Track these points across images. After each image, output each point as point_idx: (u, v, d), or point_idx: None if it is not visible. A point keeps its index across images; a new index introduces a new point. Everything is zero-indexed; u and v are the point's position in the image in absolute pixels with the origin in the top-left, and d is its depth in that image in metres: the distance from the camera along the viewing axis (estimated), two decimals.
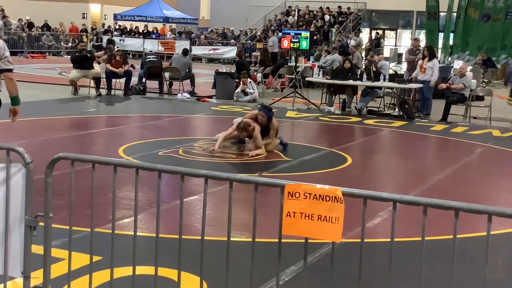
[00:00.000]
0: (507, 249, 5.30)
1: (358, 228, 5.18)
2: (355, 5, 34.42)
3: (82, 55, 16.22)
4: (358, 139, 12.12)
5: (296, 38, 16.27)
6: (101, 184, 4.05)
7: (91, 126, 11.84)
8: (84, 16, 38.42)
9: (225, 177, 3.18)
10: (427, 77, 14.21)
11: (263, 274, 4.20)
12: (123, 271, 3.90)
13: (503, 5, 25.23)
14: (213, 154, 8.84)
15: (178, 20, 35.53)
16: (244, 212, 5.66)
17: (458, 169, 8.87)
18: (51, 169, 3.39)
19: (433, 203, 2.83)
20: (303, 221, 2.95)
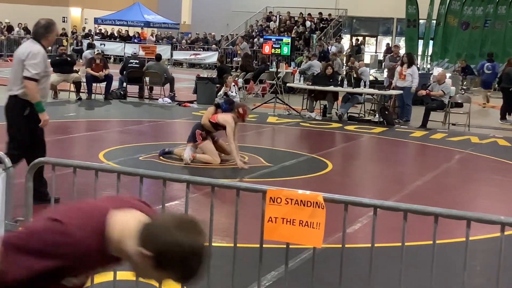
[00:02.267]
0: (485, 254, 5.36)
1: (338, 233, 5.21)
2: (336, 11, 34.63)
3: (62, 59, 16.13)
4: (339, 145, 12.18)
5: (278, 44, 16.33)
6: (81, 189, 4.03)
7: (71, 130, 11.77)
8: (65, 20, 38.18)
9: (207, 182, 3.19)
10: (407, 83, 14.33)
11: (244, 279, 4.21)
12: (104, 276, 3.88)
13: (481, 13, 25.54)
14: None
15: (159, 25, 35.48)
16: (225, 217, 5.67)
17: (437, 175, 8.95)
18: (31, 174, 3.38)
19: (413, 209, 2.86)
20: (284, 227, 2.97)
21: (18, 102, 5.73)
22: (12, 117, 5.81)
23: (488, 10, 25.41)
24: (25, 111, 5.74)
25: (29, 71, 5.63)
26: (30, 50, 5.72)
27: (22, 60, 5.68)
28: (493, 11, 25.32)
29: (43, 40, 5.80)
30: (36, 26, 5.88)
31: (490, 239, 5.38)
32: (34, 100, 5.79)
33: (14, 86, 5.74)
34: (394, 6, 31.52)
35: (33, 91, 5.70)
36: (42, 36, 5.79)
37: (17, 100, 5.72)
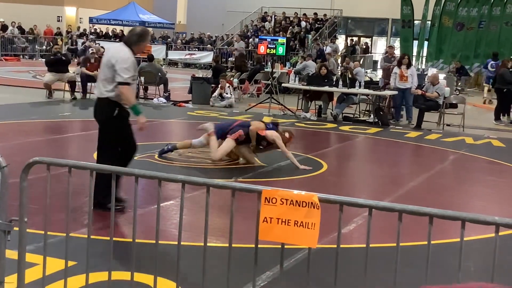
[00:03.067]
0: (479, 255, 5.37)
1: (333, 233, 5.21)
2: (331, 12, 34.65)
3: (57, 58, 16.09)
4: (334, 145, 12.19)
5: (273, 44, 16.34)
6: (75, 189, 4.03)
7: (65, 130, 11.74)
8: (59, 19, 38.08)
9: (202, 182, 3.18)
10: (409, 84, 14.38)
11: (239, 279, 4.21)
12: (99, 276, 3.88)
13: (476, 14, 25.60)
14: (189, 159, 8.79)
15: (154, 25, 35.40)
16: (220, 218, 5.67)
17: (431, 176, 8.97)
18: (26, 173, 3.36)
19: (408, 209, 2.86)
20: (279, 227, 2.97)
21: (107, 104, 5.86)
22: (103, 119, 5.99)
23: (482, 11, 25.48)
24: (114, 112, 5.87)
25: (121, 76, 5.74)
26: (120, 54, 5.82)
27: (112, 64, 5.79)
28: (488, 12, 25.39)
29: (134, 47, 5.92)
30: (131, 32, 6.07)
31: (484, 239, 5.39)
32: (129, 104, 5.94)
33: (103, 88, 5.86)
34: (389, 6, 31.58)
35: (127, 95, 5.85)
36: (134, 43, 5.92)
37: (106, 102, 5.86)
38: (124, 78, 5.74)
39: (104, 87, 5.86)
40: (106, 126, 5.99)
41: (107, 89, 5.83)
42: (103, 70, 5.93)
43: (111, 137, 6.00)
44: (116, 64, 5.75)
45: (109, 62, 5.83)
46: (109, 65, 5.82)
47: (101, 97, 5.91)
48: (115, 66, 5.75)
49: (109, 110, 5.87)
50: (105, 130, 6.01)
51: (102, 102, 5.91)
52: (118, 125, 5.97)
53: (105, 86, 5.85)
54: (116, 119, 5.91)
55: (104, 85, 5.86)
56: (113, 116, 5.88)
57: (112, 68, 5.78)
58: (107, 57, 5.94)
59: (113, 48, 6.14)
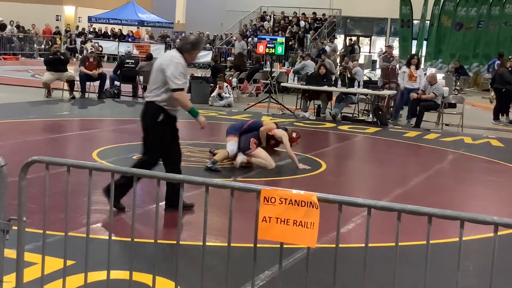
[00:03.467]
0: (478, 255, 5.38)
1: (331, 233, 5.21)
2: (330, 11, 34.65)
3: (55, 58, 16.08)
4: (333, 144, 12.19)
5: (272, 43, 16.34)
6: (74, 188, 4.02)
7: (64, 129, 11.74)
8: (58, 18, 38.07)
9: (201, 181, 3.18)
10: (417, 85, 14.43)
11: (238, 278, 4.21)
12: (97, 276, 3.87)
13: (475, 14, 25.62)
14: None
15: (153, 24, 35.42)
16: (219, 217, 5.66)
17: (430, 176, 8.97)
18: (25, 172, 3.36)
19: (407, 209, 2.86)
20: (278, 226, 2.96)
21: (153, 108, 5.93)
22: (148, 123, 6.05)
23: (481, 11, 25.50)
24: (159, 117, 5.91)
25: (175, 82, 5.79)
26: (173, 60, 5.87)
27: (163, 70, 5.85)
28: (487, 12, 25.41)
29: (186, 54, 5.98)
30: (185, 40, 6.21)
31: (483, 239, 5.40)
32: (186, 108, 6.02)
33: (151, 92, 5.97)
34: (388, 6, 31.61)
35: (183, 100, 5.95)
36: (187, 51, 5.99)
37: (152, 106, 5.93)
38: (178, 85, 5.81)
39: (152, 91, 5.95)
40: (150, 130, 6.05)
41: (155, 94, 5.91)
42: (154, 73, 5.99)
43: (154, 141, 6.05)
44: (167, 70, 5.81)
45: (160, 67, 5.89)
46: (160, 70, 5.88)
47: (148, 100, 6.00)
48: (167, 72, 5.80)
49: (155, 115, 5.94)
50: (149, 134, 6.09)
51: (149, 106, 5.99)
52: (163, 129, 6.00)
53: (154, 90, 5.93)
54: (160, 124, 5.95)
55: (153, 89, 5.94)
56: (158, 121, 5.94)
57: (163, 73, 5.83)
58: (159, 62, 6.01)
59: (166, 54, 6.22)
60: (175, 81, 5.78)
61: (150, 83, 6.04)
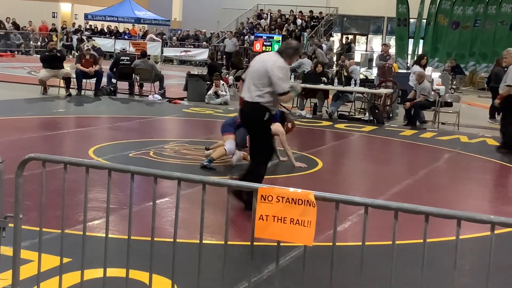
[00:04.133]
0: (475, 253, 5.39)
1: (328, 231, 5.22)
2: (327, 9, 34.66)
3: (52, 55, 16.04)
4: (329, 143, 12.20)
5: (268, 41, 16.37)
6: (70, 186, 4.02)
7: (60, 126, 11.71)
8: (54, 15, 37.99)
9: (198, 179, 3.18)
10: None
11: (234, 276, 4.21)
12: (94, 273, 3.87)
13: (472, 13, 25.64)
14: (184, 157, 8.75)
15: (150, 21, 35.37)
16: (215, 215, 5.66)
17: (426, 174, 8.98)
18: (21, 170, 3.35)
19: (404, 207, 2.86)
20: (275, 225, 2.97)
21: (258, 108, 6.13)
22: (254, 123, 6.28)
23: (478, 10, 25.52)
24: (265, 116, 6.16)
25: (281, 87, 6.02)
26: (278, 64, 6.06)
27: (268, 73, 6.02)
28: (483, 11, 25.43)
29: (288, 58, 6.21)
30: (287, 45, 6.34)
31: (480, 238, 5.41)
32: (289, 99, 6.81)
33: (255, 92, 6.11)
34: (385, 5, 31.63)
35: (287, 99, 6.57)
36: (289, 55, 6.21)
37: (257, 106, 6.13)
38: (284, 88, 6.05)
39: (255, 92, 6.10)
40: (257, 129, 6.27)
41: (259, 94, 6.09)
42: (255, 75, 6.14)
43: (263, 138, 6.30)
44: (274, 75, 5.99)
45: (265, 70, 6.05)
46: (264, 73, 6.05)
47: (252, 101, 6.14)
48: (273, 77, 5.99)
49: (261, 114, 6.14)
50: (256, 133, 6.30)
51: (253, 106, 6.16)
52: (267, 127, 6.32)
53: (257, 91, 6.10)
54: (266, 122, 6.22)
55: (255, 90, 6.10)
56: (264, 120, 6.17)
57: (267, 75, 6.02)
58: (263, 65, 6.13)
59: (269, 58, 6.28)
60: (282, 85, 6.01)
61: (250, 84, 6.18)
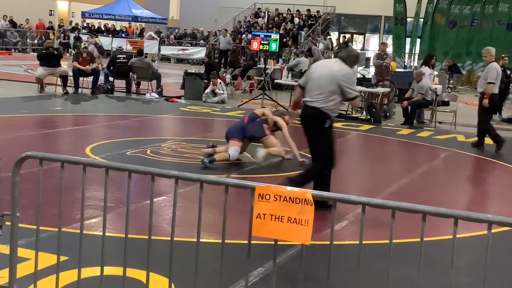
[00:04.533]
0: (472, 252, 5.39)
1: (324, 230, 5.23)
2: (324, 8, 34.66)
3: (49, 53, 16.02)
4: None
5: (266, 40, 16.33)
6: (67, 184, 4.01)
7: (57, 124, 11.70)
8: (52, 13, 37.92)
9: (196, 178, 3.17)
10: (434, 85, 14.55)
11: (232, 275, 4.21)
12: (91, 272, 3.87)
13: (469, 13, 25.68)
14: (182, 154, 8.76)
15: (147, 20, 35.34)
16: (211, 213, 5.66)
17: (423, 173, 8.99)
18: (18, 168, 3.35)
19: (401, 206, 2.87)
20: (273, 223, 2.97)
21: (320, 114, 6.30)
22: (317, 128, 6.41)
23: (475, 9, 25.55)
24: (326, 123, 6.33)
25: (352, 92, 6.32)
26: (347, 71, 6.35)
27: (335, 79, 6.23)
28: (480, 11, 25.47)
29: (350, 65, 6.48)
30: (350, 53, 6.59)
31: (477, 237, 5.42)
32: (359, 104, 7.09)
33: (319, 98, 6.28)
34: (382, 4, 31.62)
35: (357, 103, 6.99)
36: (351, 62, 6.47)
37: (318, 112, 6.30)
38: (354, 94, 6.38)
39: (319, 98, 6.28)
40: (320, 134, 6.43)
41: (322, 101, 6.27)
42: (321, 81, 6.29)
43: (326, 143, 6.46)
44: (343, 82, 6.23)
45: (333, 77, 6.24)
46: (332, 79, 6.24)
47: (316, 106, 6.30)
48: (342, 83, 6.22)
49: (324, 120, 6.32)
50: (319, 139, 6.46)
51: (315, 111, 6.32)
52: (330, 133, 6.50)
53: (321, 97, 6.27)
54: (329, 128, 6.41)
55: (319, 96, 6.28)
56: (326, 127, 6.36)
57: (335, 82, 6.22)
58: (330, 72, 6.31)
59: (335, 65, 6.44)
60: (352, 91, 6.30)
61: (312, 89, 6.32)
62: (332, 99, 6.24)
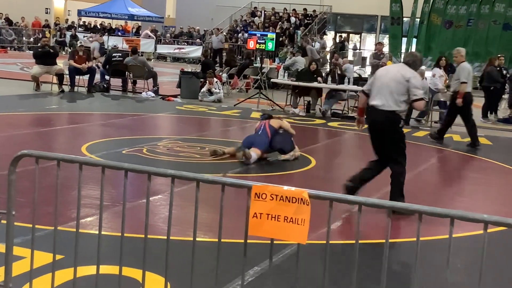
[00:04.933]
0: (467, 252, 5.40)
1: (321, 229, 5.22)
2: (321, 8, 34.66)
3: (44, 51, 16.00)
4: (322, 141, 12.21)
5: (262, 39, 16.32)
6: (63, 182, 4.00)
7: (53, 123, 11.68)
8: (48, 11, 37.83)
9: (192, 177, 3.17)
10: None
11: (227, 274, 4.21)
12: (86, 270, 3.86)
13: (465, 12, 25.71)
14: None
15: (143, 18, 35.28)
16: (207, 212, 5.65)
17: (419, 173, 9.00)
18: (14, 166, 3.34)
19: (397, 206, 2.87)
20: (269, 223, 2.96)
21: (394, 117, 6.58)
22: (390, 130, 6.66)
23: (471, 9, 25.59)
24: (400, 123, 6.68)
25: (417, 94, 6.56)
26: (415, 74, 6.66)
27: (406, 82, 6.52)
28: (476, 11, 25.50)
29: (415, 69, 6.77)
30: (415, 57, 6.89)
31: (472, 236, 5.42)
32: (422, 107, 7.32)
33: (392, 102, 6.55)
34: (379, 3, 31.64)
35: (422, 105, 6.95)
36: (416, 67, 6.80)
37: (392, 115, 6.57)
38: (420, 95, 6.61)
39: (393, 101, 6.54)
40: (393, 136, 6.69)
41: (396, 104, 6.55)
42: (393, 85, 6.55)
43: (399, 144, 6.76)
44: (412, 84, 6.51)
45: (404, 80, 6.52)
46: (403, 82, 6.52)
47: (389, 109, 6.55)
48: (411, 86, 6.50)
49: (397, 122, 6.62)
50: (393, 140, 6.71)
51: (389, 114, 6.57)
52: (403, 133, 6.83)
53: (395, 100, 6.54)
54: (400, 129, 6.72)
55: (392, 99, 6.54)
56: (400, 127, 6.68)
57: (405, 84, 6.51)
58: (401, 75, 6.57)
59: (403, 69, 6.69)
60: (419, 94, 6.58)
61: (384, 93, 6.56)
62: (402, 101, 6.54)
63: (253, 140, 8.90)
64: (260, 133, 8.99)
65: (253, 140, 8.90)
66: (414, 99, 6.55)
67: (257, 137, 8.92)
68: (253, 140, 8.90)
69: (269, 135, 8.89)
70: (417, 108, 6.90)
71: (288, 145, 9.01)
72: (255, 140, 8.86)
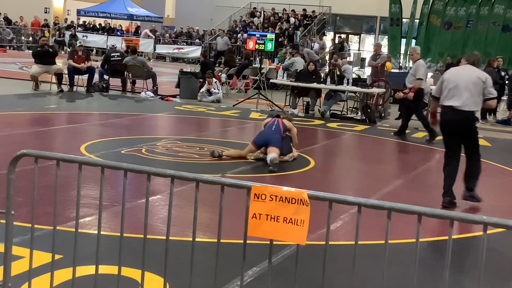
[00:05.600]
0: (467, 253, 5.40)
1: (320, 230, 5.22)
2: (320, 8, 34.67)
3: (44, 50, 15.98)
4: (321, 142, 12.20)
5: (261, 39, 16.32)
6: (62, 182, 4.00)
7: (52, 122, 11.66)
8: (47, 10, 37.80)
9: (192, 177, 3.17)
10: None
11: (227, 274, 4.20)
12: (85, 270, 3.86)
13: (464, 14, 25.72)
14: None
15: (142, 18, 35.26)
16: (206, 213, 5.65)
17: (418, 174, 9.01)
18: (14, 166, 3.33)
19: (397, 207, 2.87)
20: (268, 223, 2.96)
21: (472, 116, 7.11)
22: (470, 129, 7.18)
23: (470, 11, 25.59)
24: (477, 121, 7.34)
25: (492, 93, 7.08)
26: (485, 75, 7.10)
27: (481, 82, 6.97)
28: (476, 12, 25.51)
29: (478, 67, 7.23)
30: (475, 57, 7.30)
31: (472, 238, 5.42)
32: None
33: (473, 104, 7.01)
34: (378, 4, 31.66)
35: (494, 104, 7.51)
36: (479, 64, 7.27)
37: (471, 114, 7.06)
38: (495, 94, 7.18)
39: (473, 103, 7.00)
40: (473, 134, 7.22)
41: (475, 104, 7.02)
42: (471, 87, 6.98)
43: (478, 141, 7.30)
44: (485, 84, 6.98)
45: (480, 81, 6.99)
46: (479, 83, 6.98)
47: (469, 110, 7.02)
48: (485, 86, 6.98)
49: (475, 121, 7.20)
50: (473, 138, 7.24)
51: (469, 114, 7.05)
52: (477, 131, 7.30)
53: (474, 101, 6.99)
54: (476, 127, 7.26)
55: (473, 101, 6.99)
56: (477, 126, 7.24)
57: (480, 85, 6.97)
58: (476, 77, 7.01)
59: (474, 70, 7.14)
60: (493, 91, 7.08)
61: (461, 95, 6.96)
62: (479, 101, 7.01)
63: (269, 137, 8.76)
64: (274, 129, 8.91)
65: (269, 137, 8.76)
66: (489, 98, 7.00)
67: (272, 134, 8.79)
68: (269, 137, 8.76)
69: (282, 132, 8.88)
70: (491, 106, 7.35)
71: (286, 149, 8.96)
72: (271, 138, 8.72)
